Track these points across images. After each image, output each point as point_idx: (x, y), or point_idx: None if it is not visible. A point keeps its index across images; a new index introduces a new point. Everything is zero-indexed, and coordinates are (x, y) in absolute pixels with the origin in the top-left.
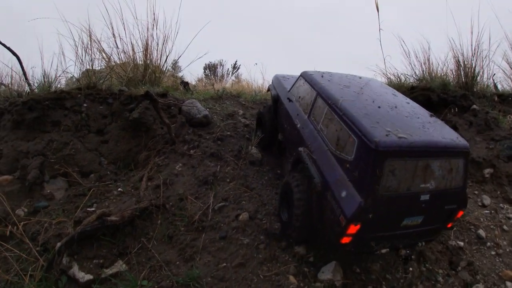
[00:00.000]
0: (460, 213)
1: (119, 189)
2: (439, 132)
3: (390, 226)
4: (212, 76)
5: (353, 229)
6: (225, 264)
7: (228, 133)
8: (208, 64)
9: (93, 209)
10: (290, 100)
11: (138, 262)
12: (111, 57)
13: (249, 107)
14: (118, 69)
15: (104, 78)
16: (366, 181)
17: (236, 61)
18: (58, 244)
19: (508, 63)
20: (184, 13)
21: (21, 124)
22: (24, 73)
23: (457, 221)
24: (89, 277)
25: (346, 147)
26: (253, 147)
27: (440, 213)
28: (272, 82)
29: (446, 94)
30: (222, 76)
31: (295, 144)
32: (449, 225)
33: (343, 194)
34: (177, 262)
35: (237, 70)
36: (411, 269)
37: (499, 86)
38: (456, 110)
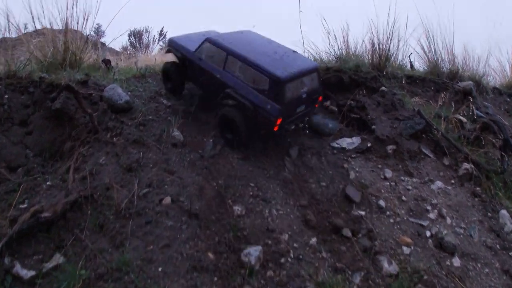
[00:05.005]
0: (320, 98)
1: (48, 183)
2: (303, 62)
3: (292, 114)
4: (137, 44)
5: (279, 121)
6: (152, 246)
7: (150, 117)
8: (133, 31)
9: (25, 205)
10: (200, 59)
11: (74, 253)
12: (30, 40)
13: None
14: (38, 53)
15: (24, 64)
16: (279, 98)
17: (163, 28)
18: None
19: (421, 47)
20: None
21: None
22: None
23: (320, 102)
24: (31, 273)
25: (262, 83)
26: (175, 129)
27: (311, 101)
28: (170, 45)
29: (357, 75)
30: (148, 43)
31: (216, 88)
32: (316, 105)
33: (268, 106)
34: (110, 250)
35: (163, 37)
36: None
37: (415, 65)
38: (365, 92)
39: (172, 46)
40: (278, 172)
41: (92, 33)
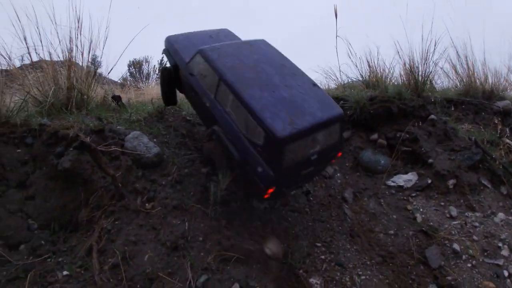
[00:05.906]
0: (339, 154)
1: (64, 272)
2: (322, 107)
3: (294, 179)
4: (137, 74)
5: (270, 191)
6: None
7: (186, 170)
8: (133, 61)
9: None
10: (191, 74)
11: None
12: (26, 76)
13: (196, 123)
14: (36, 92)
15: (19, 107)
16: (274, 161)
17: (163, 57)
18: None
19: (452, 66)
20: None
21: None
22: None
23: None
24: None
25: (256, 134)
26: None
27: (326, 160)
28: (166, 47)
29: (405, 104)
30: (148, 74)
31: (206, 115)
32: (332, 161)
33: (259, 169)
34: None
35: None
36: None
37: (443, 85)
38: (420, 124)
39: (167, 48)
40: (340, 224)
41: (89, 64)
